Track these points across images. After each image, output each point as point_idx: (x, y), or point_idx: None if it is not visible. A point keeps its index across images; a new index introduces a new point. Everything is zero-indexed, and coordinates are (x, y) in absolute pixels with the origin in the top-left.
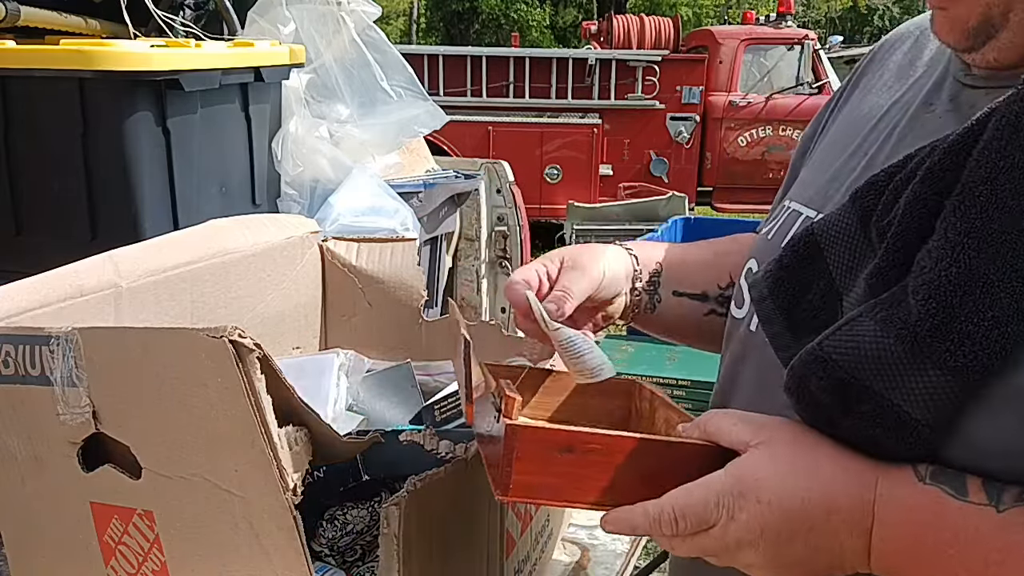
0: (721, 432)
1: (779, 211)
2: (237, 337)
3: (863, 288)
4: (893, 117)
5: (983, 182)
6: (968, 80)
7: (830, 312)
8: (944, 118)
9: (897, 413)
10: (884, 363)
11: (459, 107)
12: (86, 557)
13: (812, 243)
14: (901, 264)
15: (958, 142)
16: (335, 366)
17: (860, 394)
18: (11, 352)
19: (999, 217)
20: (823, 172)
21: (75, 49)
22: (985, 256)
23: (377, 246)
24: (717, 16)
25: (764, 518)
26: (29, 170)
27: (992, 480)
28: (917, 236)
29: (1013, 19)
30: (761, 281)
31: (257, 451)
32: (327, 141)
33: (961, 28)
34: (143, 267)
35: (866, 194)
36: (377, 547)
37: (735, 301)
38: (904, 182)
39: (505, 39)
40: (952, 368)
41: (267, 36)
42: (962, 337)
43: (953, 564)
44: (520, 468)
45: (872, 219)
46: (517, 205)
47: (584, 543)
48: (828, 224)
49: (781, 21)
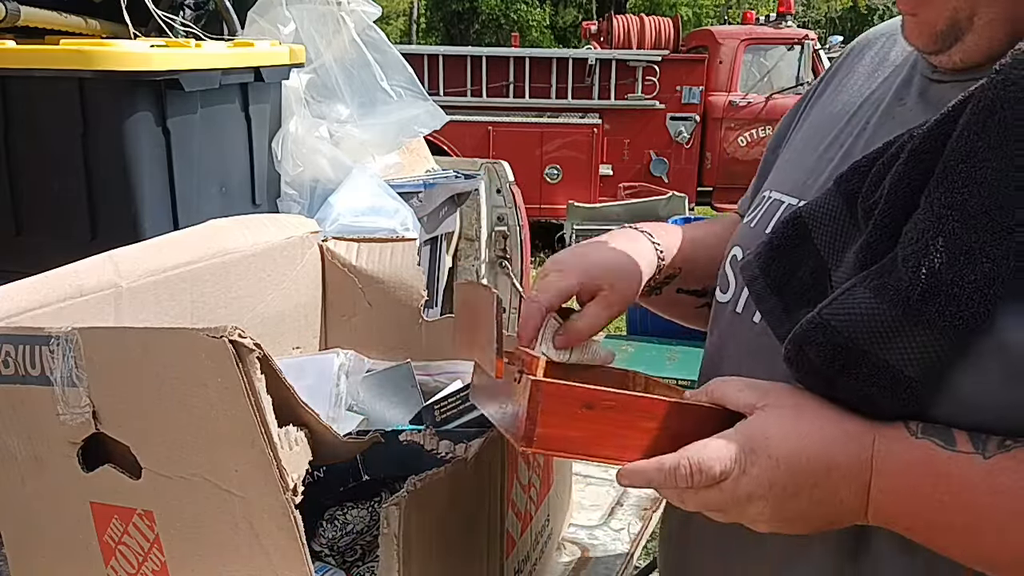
0: (728, 397)
1: (759, 201)
2: (237, 337)
3: (853, 262)
4: (866, 112)
5: (963, 160)
6: (935, 76)
7: (819, 288)
8: (915, 110)
9: (891, 372)
10: (879, 326)
11: (459, 107)
12: (86, 557)
13: (800, 225)
14: (889, 238)
15: (937, 126)
16: (335, 366)
17: (857, 356)
18: (11, 352)
19: (978, 191)
20: (800, 163)
21: (75, 49)
22: (967, 227)
23: (377, 246)
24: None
25: (773, 473)
26: (29, 170)
27: (976, 432)
28: (903, 212)
29: (977, 23)
30: (753, 262)
31: (257, 451)
32: (327, 141)
33: (930, 32)
34: (143, 267)
35: (850, 178)
36: (377, 547)
37: (719, 286)
38: (887, 165)
39: (505, 39)
40: (941, 328)
41: (267, 36)
42: (949, 299)
43: (946, 509)
44: (544, 421)
45: (857, 200)
46: (517, 205)
47: (584, 543)
48: (815, 207)
49: (781, 21)
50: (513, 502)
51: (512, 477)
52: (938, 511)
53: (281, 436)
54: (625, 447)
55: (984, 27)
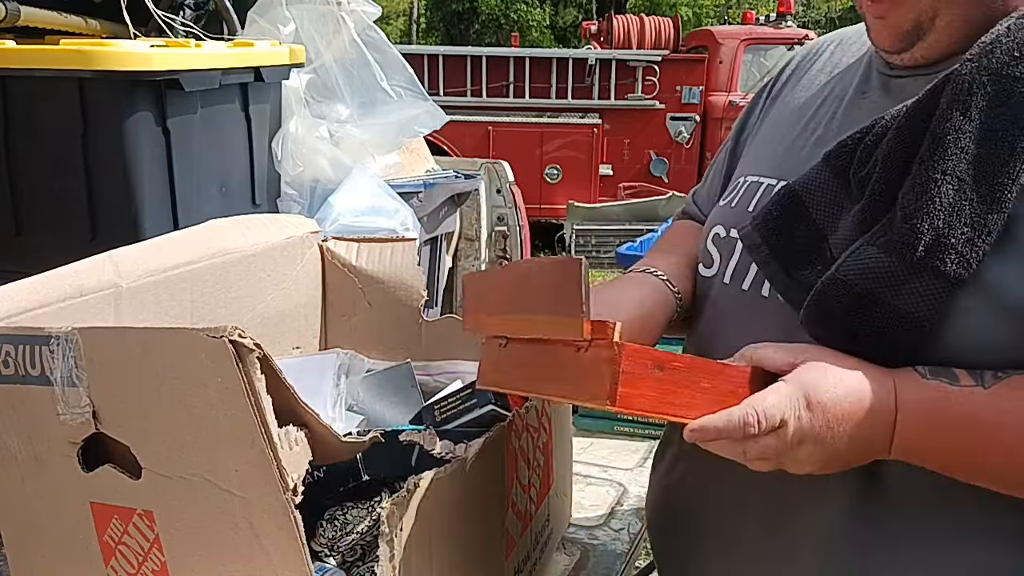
0: (766, 358)
1: (735, 185)
2: (237, 337)
3: (852, 225)
4: (831, 105)
5: (950, 132)
6: (894, 73)
7: (815, 251)
8: (880, 101)
9: (903, 315)
10: (889, 277)
11: (459, 107)
12: (86, 557)
13: (794, 197)
14: (886, 202)
15: (917, 108)
16: (335, 366)
17: (873, 305)
18: (11, 352)
19: (964, 159)
20: (772, 150)
21: (75, 49)
22: (957, 189)
23: (377, 246)
24: (717, 16)
25: (821, 418)
26: (29, 170)
27: (974, 368)
28: (896, 180)
29: (938, 24)
30: (753, 233)
31: (257, 451)
32: (327, 141)
33: (897, 33)
34: (143, 267)
35: (839, 155)
36: (377, 547)
37: (703, 262)
38: (874, 142)
39: (505, 39)
40: (942, 274)
41: (267, 36)
42: (947, 250)
43: (959, 436)
44: (625, 381)
45: (849, 172)
46: (517, 205)
47: (584, 543)
48: (807, 181)
49: (781, 21)
50: (513, 502)
51: (512, 477)
52: (951, 439)
53: (281, 436)
54: (687, 405)
55: (944, 28)
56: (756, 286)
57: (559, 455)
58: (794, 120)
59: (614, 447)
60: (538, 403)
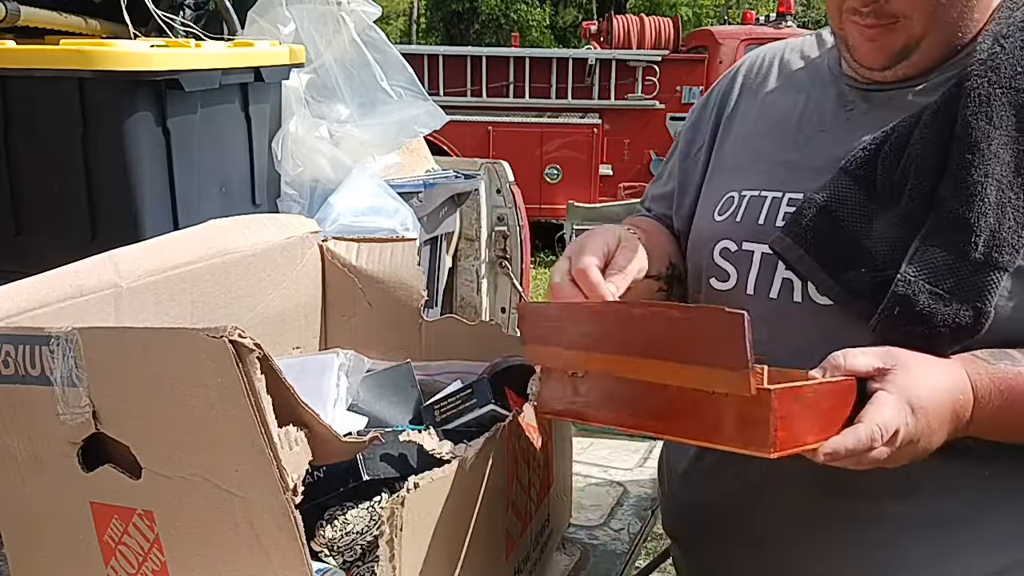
0: (858, 366)
1: (732, 199)
2: (237, 337)
3: (892, 227)
4: (811, 120)
5: (982, 139)
6: (872, 88)
7: (854, 254)
8: (869, 113)
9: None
10: (958, 274)
11: (459, 107)
12: (86, 557)
13: (821, 206)
14: (924, 205)
15: (939, 115)
16: (335, 366)
17: (944, 300)
18: (11, 352)
19: (999, 163)
20: (757, 165)
21: (75, 49)
22: (998, 190)
23: (377, 246)
24: (717, 16)
25: (923, 420)
26: (29, 170)
27: (1018, 346)
28: (930, 184)
29: (924, 44)
30: (792, 243)
31: (257, 451)
32: (327, 141)
33: (887, 53)
34: (143, 267)
35: (859, 166)
36: (377, 547)
37: (715, 276)
38: (895, 150)
39: (505, 39)
40: (1005, 267)
41: (267, 36)
42: (1001, 244)
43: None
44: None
45: (874, 181)
46: (517, 205)
47: (584, 543)
48: (832, 192)
49: (781, 21)
50: (513, 502)
51: (512, 477)
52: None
53: (281, 436)
54: (813, 430)
55: (927, 48)
56: (785, 293)
57: (559, 455)
58: (775, 135)
59: (614, 447)
60: None
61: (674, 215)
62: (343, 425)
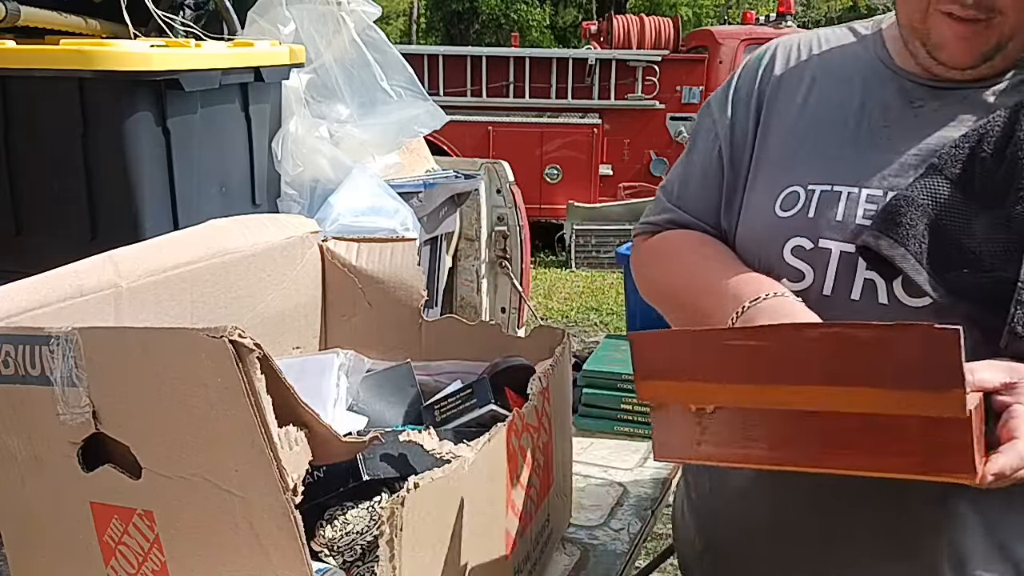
0: (986, 381)
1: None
2: (237, 337)
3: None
4: (875, 114)
5: None
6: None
7: (955, 254)
8: (941, 110)
9: None
10: None
11: (459, 107)
12: (86, 557)
13: (914, 204)
14: None
15: None
16: (335, 366)
17: None
18: (11, 352)
19: None
20: (816, 157)
21: (75, 49)
22: None
23: (377, 246)
24: (717, 16)
25: None
26: (29, 170)
27: None
28: None
29: (1010, 45)
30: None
31: (257, 451)
32: (327, 141)
33: (977, 52)
34: (143, 267)
35: (952, 165)
36: (377, 547)
37: (787, 277)
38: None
39: (505, 39)
40: None
41: (267, 36)
42: None
43: None
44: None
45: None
46: (517, 205)
47: (584, 543)
48: (925, 191)
49: (781, 21)
50: (513, 502)
51: (512, 477)
52: None
53: (281, 436)
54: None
55: (1012, 49)
56: (868, 294)
57: (559, 455)
58: (829, 128)
59: (614, 447)
60: (538, 403)
61: (723, 212)
62: (343, 425)
